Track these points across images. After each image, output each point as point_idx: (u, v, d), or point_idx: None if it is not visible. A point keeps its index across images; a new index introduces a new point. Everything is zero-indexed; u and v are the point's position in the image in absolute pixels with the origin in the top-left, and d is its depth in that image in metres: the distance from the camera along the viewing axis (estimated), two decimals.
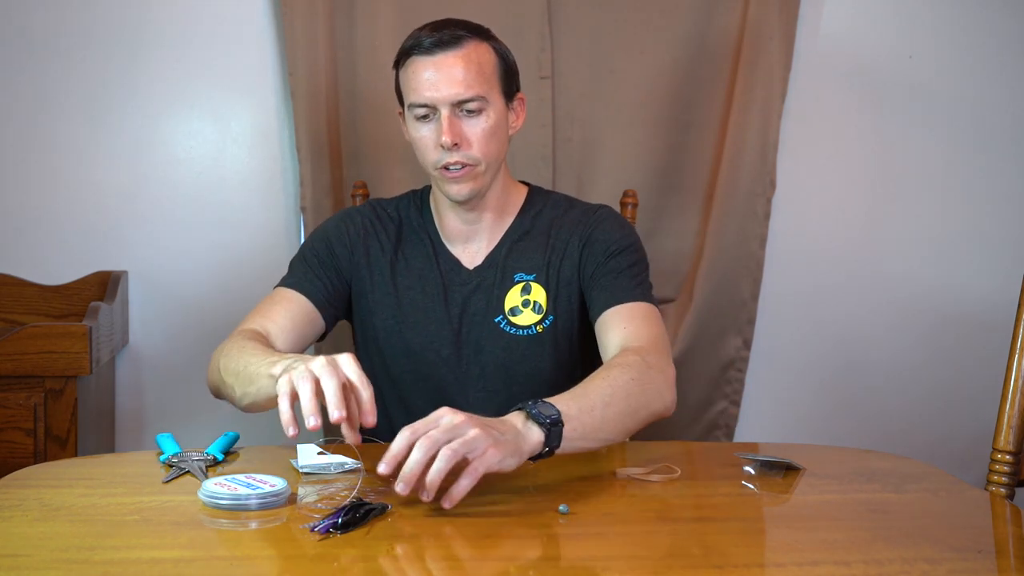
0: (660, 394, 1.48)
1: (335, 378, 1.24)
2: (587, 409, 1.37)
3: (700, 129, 2.32)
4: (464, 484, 1.20)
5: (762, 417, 2.43)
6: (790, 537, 1.20)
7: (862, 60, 2.39)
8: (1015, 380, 1.47)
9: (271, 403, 1.38)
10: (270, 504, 1.22)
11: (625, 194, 2.09)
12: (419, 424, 1.23)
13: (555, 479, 1.37)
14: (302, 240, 2.23)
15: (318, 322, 1.66)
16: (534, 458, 1.30)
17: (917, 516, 1.28)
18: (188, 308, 2.30)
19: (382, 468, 1.20)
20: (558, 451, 1.31)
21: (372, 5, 2.23)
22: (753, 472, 1.40)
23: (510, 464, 1.24)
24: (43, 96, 2.24)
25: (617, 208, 2.01)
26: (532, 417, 1.29)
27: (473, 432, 1.21)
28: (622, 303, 1.61)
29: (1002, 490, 1.47)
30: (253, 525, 1.19)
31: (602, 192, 2.19)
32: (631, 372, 1.45)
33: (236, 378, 1.46)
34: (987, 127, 2.42)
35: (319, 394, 1.24)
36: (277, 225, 2.31)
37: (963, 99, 2.41)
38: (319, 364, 1.26)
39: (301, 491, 1.29)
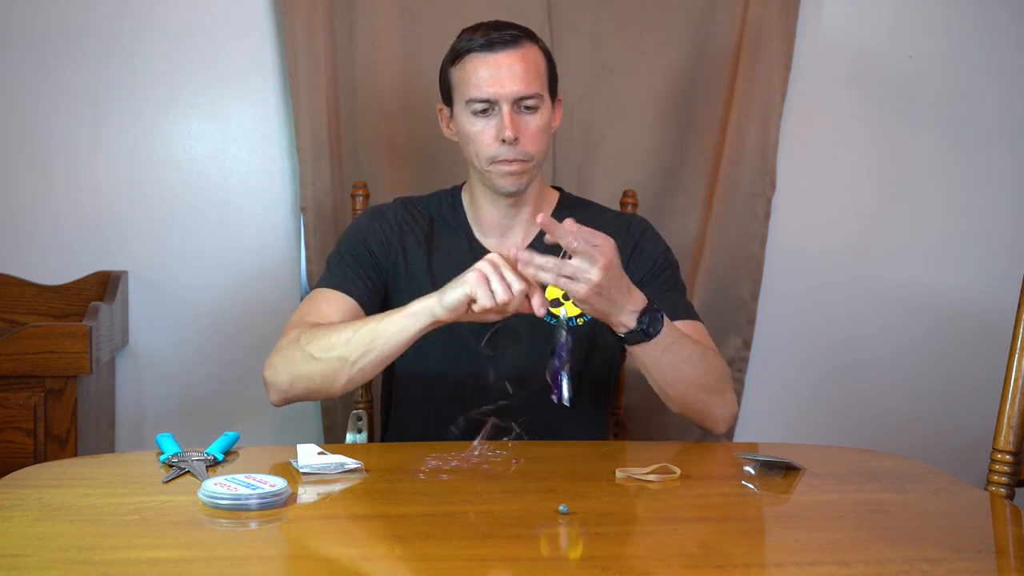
0: (726, 404, 1.63)
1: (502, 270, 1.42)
2: (684, 338, 1.54)
3: (700, 129, 2.32)
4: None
5: (762, 417, 2.43)
6: (790, 537, 1.20)
7: (862, 60, 2.39)
8: (1015, 380, 1.47)
9: (400, 349, 1.50)
10: (270, 504, 1.22)
11: (625, 194, 2.10)
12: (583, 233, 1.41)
13: (555, 479, 1.37)
14: (302, 240, 2.24)
15: None
16: (628, 338, 1.47)
17: (917, 516, 1.28)
18: (188, 308, 2.30)
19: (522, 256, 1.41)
20: (653, 339, 1.48)
21: (372, 5, 2.23)
22: (753, 472, 1.40)
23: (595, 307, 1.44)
24: (43, 96, 2.24)
25: (618, 209, 2.02)
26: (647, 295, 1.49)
27: (590, 282, 1.40)
28: (682, 319, 1.67)
29: (1002, 490, 1.47)
30: (253, 525, 1.19)
31: (602, 192, 2.19)
32: (720, 365, 1.63)
33: (346, 346, 1.51)
34: (987, 127, 2.42)
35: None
36: (277, 225, 2.30)
37: (963, 99, 2.41)
38: (485, 266, 1.43)
39: (301, 491, 1.29)
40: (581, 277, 1.40)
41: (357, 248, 1.74)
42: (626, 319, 1.47)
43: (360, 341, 1.51)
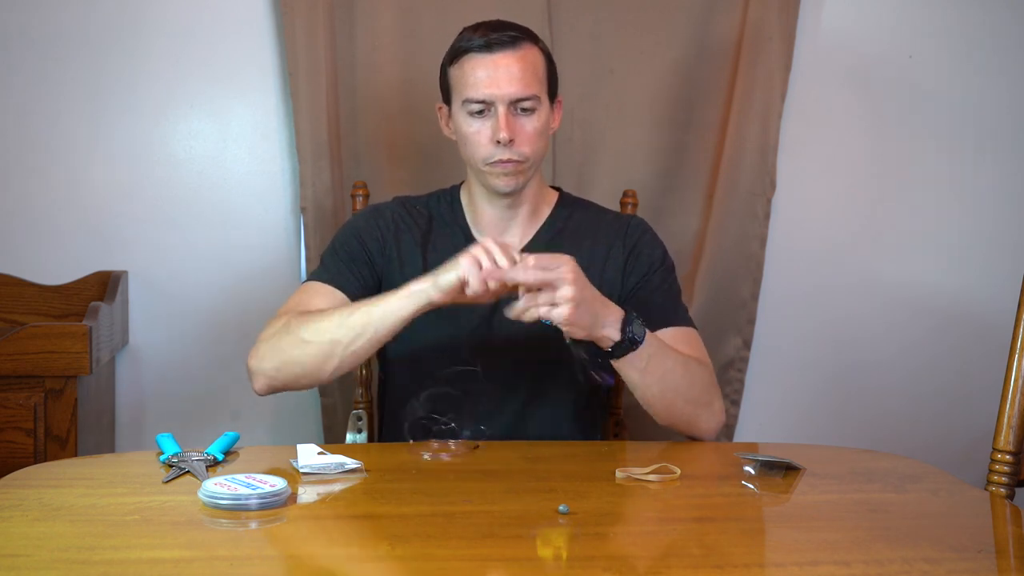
0: (713, 414, 1.62)
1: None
2: (666, 348, 1.56)
3: (700, 129, 2.32)
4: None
5: (762, 417, 2.43)
6: (790, 537, 1.20)
7: (862, 60, 2.39)
8: (1015, 380, 1.47)
9: (393, 331, 1.52)
10: (270, 504, 1.22)
11: (625, 194, 2.10)
12: (540, 262, 1.43)
13: (555, 479, 1.37)
14: (302, 240, 2.24)
15: None
16: (616, 351, 1.49)
17: (917, 516, 1.28)
18: (188, 308, 2.30)
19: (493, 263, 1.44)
20: (633, 352, 1.50)
21: (372, 5, 2.23)
22: (753, 472, 1.40)
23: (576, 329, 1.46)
24: (43, 96, 2.24)
25: (617, 209, 2.02)
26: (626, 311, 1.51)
27: (567, 299, 1.42)
28: (676, 326, 1.68)
29: (1002, 490, 1.47)
30: (253, 525, 1.19)
31: (602, 192, 2.19)
32: (705, 375, 1.63)
33: (339, 329, 1.53)
34: (987, 127, 2.42)
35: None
36: (277, 225, 2.31)
37: (963, 99, 2.41)
38: (478, 250, 1.45)
39: (301, 491, 1.29)
40: (557, 299, 1.43)
41: (351, 244, 1.74)
42: (610, 332, 1.48)
43: (354, 323, 1.52)
